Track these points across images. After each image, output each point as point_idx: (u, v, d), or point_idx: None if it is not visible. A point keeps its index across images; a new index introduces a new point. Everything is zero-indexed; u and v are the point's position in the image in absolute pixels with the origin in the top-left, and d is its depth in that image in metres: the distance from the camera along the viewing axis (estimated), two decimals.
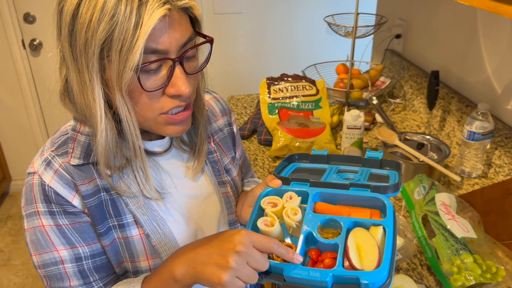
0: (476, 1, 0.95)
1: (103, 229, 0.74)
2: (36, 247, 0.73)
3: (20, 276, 2.34)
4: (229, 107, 0.99)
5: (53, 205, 0.72)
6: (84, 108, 0.68)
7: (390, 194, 0.70)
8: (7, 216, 2.80)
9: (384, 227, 0.64)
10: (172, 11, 0.62)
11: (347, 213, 0.68)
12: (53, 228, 0.72)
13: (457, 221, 1.01)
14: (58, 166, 0.72)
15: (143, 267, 0.79)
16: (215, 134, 0.92)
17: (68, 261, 0.73)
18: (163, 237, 0.79)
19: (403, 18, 1.95)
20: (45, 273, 0.74)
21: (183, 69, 0.67)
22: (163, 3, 0.61)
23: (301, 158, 0.88)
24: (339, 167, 0.83)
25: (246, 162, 1.09)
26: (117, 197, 0.76)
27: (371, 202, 0.69)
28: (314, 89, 1.66)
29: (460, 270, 0.91)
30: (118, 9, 0.59)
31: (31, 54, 2.69)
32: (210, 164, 0.88)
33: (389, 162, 0.80)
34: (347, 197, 0.71)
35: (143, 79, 0.65)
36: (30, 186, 0.72)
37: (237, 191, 0.95)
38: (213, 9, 2.67)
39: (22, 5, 2.57)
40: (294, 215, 0.68)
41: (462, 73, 1.56)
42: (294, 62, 2.88)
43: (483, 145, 1.32)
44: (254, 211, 0.72)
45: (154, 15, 0.59)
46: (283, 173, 0.83)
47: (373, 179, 0.76)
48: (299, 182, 0.75)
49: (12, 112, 2.81)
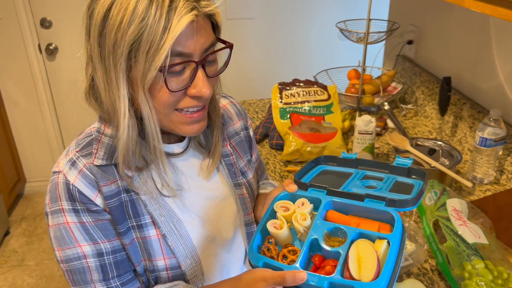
0: (488, 9, 0.96)
1: (123, 229, 0.77)
2: (59, 243, 0.77)
3: (33, 277, 2.37)
4: (245, 111, 1.02)
5: (77, 203, 0.75)
6: (109, 106, 0.72)
7: (406, 208, 0.69)
8: (21, 218, 2.85)
9: (388, 241, 0.64)
10: (198, 17, 0.67)
11: (355, 224, 0.68)
12: (77, 225, 0.75)
13: (468, 226, 1.01)
14: (82, 166, 0.75)
15: (160, 266, 0.81)
16: (232, 137, 0.94)
17: (91, 256, 0.76)
18: (179, 237, 0.81)
19: (415, 24, 1.96)
20: (67, 267, 0.77)
21: (204, 72, 0.71)
22: (191, 9, 0.65)
23: (329, 160, 0.88)
24: (366, 172, 0.83)
25: (261, 165, 1.11)
26: (137, 198, 0.78)
27: (382, 215, 0.69)
28: (325, 94, 1.67)
29: (471, 276, 0.92)
30: (148, 12, 0.63)
31: (47, 58, 2.75)
32: (226, 166, 0.91)
33: (416, 171, 0.79)
34: (359, 208, 0.71)
35: (168, 80, 0.68)
36: (55, 184, 0.75)
37: (253, 193, 0.97)
38: (225, 15, 2.70)
39: (39, 10, 2.63)
40: (302, 221, 0.70)
41: (474, 79, 1.56)
42: (305, 67, 2.89)
43: (495, 151, 1.32)
44: (266, 213, 0.74)
45: (182, 21, 0.63)
46: (308, 174, 0.84)
47: (396, 188, 0.76)
48: (317, 189, 0.76)
49: (28, 115, 2.87)
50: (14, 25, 2.61)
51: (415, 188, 0.75)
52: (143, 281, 0.83)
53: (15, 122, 2.87)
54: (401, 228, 0.65)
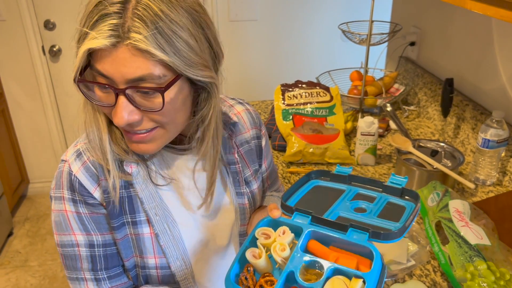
0: (490, 11, 0.96)
1: (117, 224, 0.79)
2: (58, 228, 0.80)
3: (37, 277, 2.38)
4: (261, 120, 1.00)
5: (76, 194, 0.77)
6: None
7: (390, 240, 0.68)
8: (25, 218, 2.86)
9: (364, 280, 0.63)
10: (120, 47, 0.63)
11: (333, 258, 0.67)
12: (74, 214, 0.78)
13: (470, 228, 1.01)
14: (86, 159, 0.77)
15: (150, 264, 0.83)
16: (241, 146, 0.93)
17: (83, 245, 0.79)
18: (171, 238, 0.82)
19: (418, 26, 1.96)
20: (62, 251, 0.81)
21: (129, 101, 0.67)
22: (112, 36, 0.62)
23: (322, 175, 0.87)
24: (358, 190, 0.82)
25: (273, 175, 1.09)
26: (134, 195, 0.80)
27: (363, 249, 0.68)
28: (328, 95, 1.67)
29: (474, 277, 0.92)
30: (88, 15, 0.65)
31: (50, 59, 2.76)
32: (231, 174, 0.90)
33: (410, 192, 0.78)
34: (340, 240, 0.70)
35: (90, 88, 0.69)
36: (60, 172, 0.78)
37: (255, 203, 0.96)
38: (228, 16, 2.71)
39: (42, 12, 2.64)
40: (281, 251, 0.69)
41: (476, 81, 1.57)
42: (308, 69, 2.90)
43: (497, 153, 1.32)
44: (246, 241, 0.73)
45: (94, 41, 0.62)
46: (300, 190, 0.83)
47: (387, 211, 0.75)
48: (302, 214, 0.75)
49: (31, 116, 2.88)
50: (18, 27, 2.63)
51: (406, 212, 0.74)
52: (132, 277, 0.84)
53: (19, 123, 2.89)
54: (380, 266, 0.64)
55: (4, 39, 2.65)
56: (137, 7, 0.62)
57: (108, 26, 0.62)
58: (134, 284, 0.86)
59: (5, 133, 2.75)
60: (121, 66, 0.64)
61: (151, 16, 0.62)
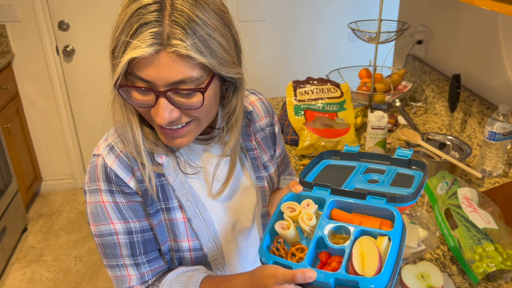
0: (498, 6, 1.01)
1: (152, 211, 0.84)
2: (95, 219, 0.84)
3: (51, 272, 2.44)
4: (272, 108, 1.06)
5: (112, 185, 0.81)
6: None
7: (406, 203, 0.73)
8: (38, 215, 2.92)
9: (389, 237, 0.68)
10: (162, 53, 0.67)
11: (358, 222, 0.72)
12: (111, 204, 0.82)
13: (478, 213, 1.06)
14: (120, 151, 0.82)
15: (184, 247, 0.88)
16: (257, 133, 0.99)
17: (122, 233, 0.83)
18: (202, 222, 0.88)
19: (425, 25, 2.01)
20: (101, 241, 0.85)
21: (169, 102, 0.72)
22: (154, 44, 0.66)
23: (332, 155, 0.93)
24: (368, 165, 0.87)
25: (286, 160, 1.15)
26: (166, 184, 0.85)
27: (383, 212, 0.73)
28: (338, 91, 1.73)
29: (482, 258, 0.97)
30: (126, 25, 0.68)
31: (64, 60, 2.83)
32: (250, 160, 0.96)
33: (416, 162, 0.83)
34: (361, 206, 0.75)
35: (130, 91, 0.73)
36: (94, 166, 0.82)
37: (273, 186, 1.03)
38: (237, 17, 2.77)
39: (57, 13, 2.71)
40: (308, 221, 0.74)
41: (483, 77, 1.61)
42: (316, 67, 2.95)
43: (503, 145, 1.37)
44: (274, 214, 0.78)
45: (136, 51, 0.66)
46: (313, 170, 0.88)
47: (397, 181, 0.80)
48: (321, 188, 0.80)
49: (45, 115, 2.94)
50: (33, 28, 2.69)
51: (415, 180, 0.79)
52: (167, 260, 0.89)
53: (33, 122, 2.95)
54: (401, 224, 0.69)
55: (19, 39, 2.72)
56: (173, 14, 0.67)
57: (149, 34, 0.66)
58: (169, 267, 0.91)
59: (19, 132, 2.81)
60: (162, 71, 0.68)
61: (187, 21, 0.67)
